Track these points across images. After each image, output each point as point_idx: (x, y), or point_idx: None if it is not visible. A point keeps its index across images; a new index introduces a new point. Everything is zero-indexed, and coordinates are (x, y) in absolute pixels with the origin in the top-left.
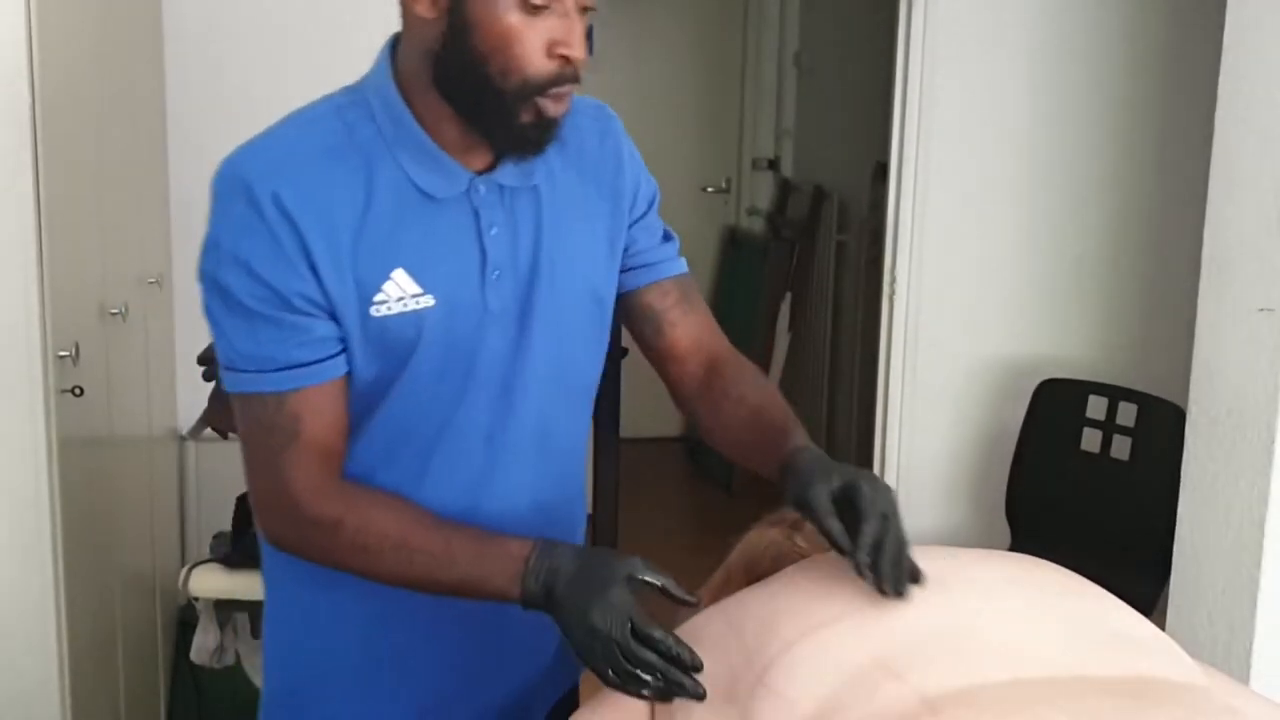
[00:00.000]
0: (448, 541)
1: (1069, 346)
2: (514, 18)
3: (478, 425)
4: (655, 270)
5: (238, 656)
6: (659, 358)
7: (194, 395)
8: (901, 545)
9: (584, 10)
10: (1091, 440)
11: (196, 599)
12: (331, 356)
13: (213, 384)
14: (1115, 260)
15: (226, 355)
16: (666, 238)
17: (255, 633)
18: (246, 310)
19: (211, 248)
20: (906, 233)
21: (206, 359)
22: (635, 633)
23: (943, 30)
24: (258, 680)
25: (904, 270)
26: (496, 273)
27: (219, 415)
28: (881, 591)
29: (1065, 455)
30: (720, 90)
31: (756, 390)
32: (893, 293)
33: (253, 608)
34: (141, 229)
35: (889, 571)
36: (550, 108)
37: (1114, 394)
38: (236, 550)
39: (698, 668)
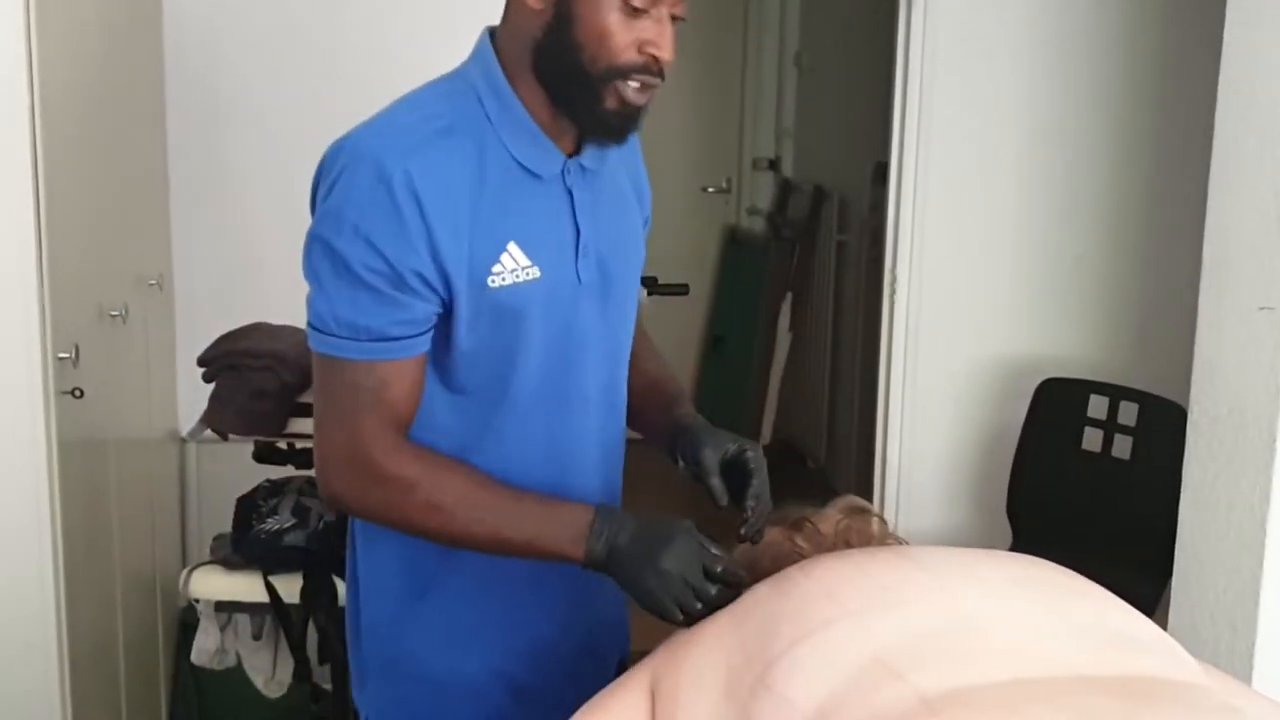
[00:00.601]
0: (516, 503)
1: (1070, 346)
2: (613, 17)
3: (586, 391)
4: None
5: (238, 658)
6: None
7: (194, 397)
8: (768, 504)
9: (675, 19)
10: (1093, 440)
11: (197, 600)
12: (421, 334)
13: (213, 385)
14: (1115, 259)
15: (321, 318)
16: None
17: (256, 634)
18: (356, 279)
19: (331, 215)
20: (907, 233)
21: (207, 360)
22: (706, 573)
23: (943, 30)
24: (258, 681)
25: (904, 270)
26: (585, 247)
27: (219, 416)
28: (740, 535)
29: (1066, 455)
30: (720, 90)
31: (656, 366)
32: (893, 292)
33: (253, 609)
34: (141, 230)
35: (755, 522)
36: (633, 95)
37: (1115, 393)
38: (237, 552)
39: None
